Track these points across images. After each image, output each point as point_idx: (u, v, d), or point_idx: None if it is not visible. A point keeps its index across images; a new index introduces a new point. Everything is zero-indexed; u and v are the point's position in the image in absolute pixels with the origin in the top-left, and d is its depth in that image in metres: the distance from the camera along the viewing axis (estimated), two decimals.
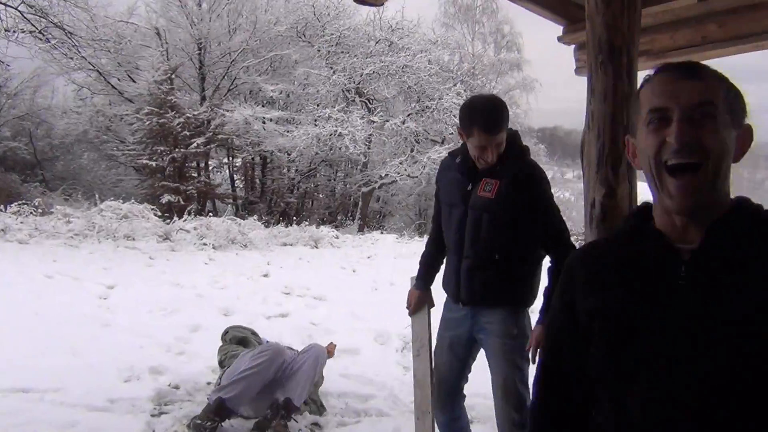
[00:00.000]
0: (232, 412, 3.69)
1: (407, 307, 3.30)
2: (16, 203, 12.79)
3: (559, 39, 3.15)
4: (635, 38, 1.93)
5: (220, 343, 4.62)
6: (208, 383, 4.66)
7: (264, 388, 3.78)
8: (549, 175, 2.88)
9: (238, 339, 4.57)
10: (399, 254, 13.04)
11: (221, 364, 4.31)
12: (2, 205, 12.86)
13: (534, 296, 2.89)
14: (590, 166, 1.95)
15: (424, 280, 3.24)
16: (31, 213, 12.46)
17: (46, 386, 4.12)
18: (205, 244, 12.15)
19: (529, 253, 2.77)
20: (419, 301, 3.25)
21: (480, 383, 4.77)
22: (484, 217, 2.73)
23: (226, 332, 4.72)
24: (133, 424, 3.71)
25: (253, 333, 4.75)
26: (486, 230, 2.74)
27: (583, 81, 2.37)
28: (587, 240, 1.99)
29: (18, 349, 4.87)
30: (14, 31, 11.50)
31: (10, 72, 20.51)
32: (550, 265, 2.68)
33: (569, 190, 53.43)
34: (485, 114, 2.60)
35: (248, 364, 3.77)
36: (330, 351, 4.58)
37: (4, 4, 10.66)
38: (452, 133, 21.42)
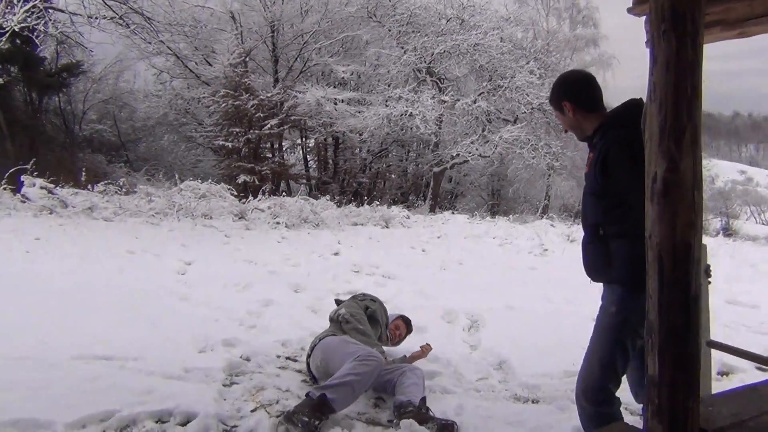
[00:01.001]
0: (333, 412, 3.62)
1: None
2: (102, 183, 13.42)
3: (629, 10, 3.04)
4: (700, 4, 1.85)
5: (348, 300, 4.79)
6: (278, 356, 4.82)
7: None
8: None
9: (372, 316, 4.69)
10: (469, 234, 12.99)
11: (337, 320, 4.45)
12: (90, 185, 13.54)
13: (637, 275, 2.70)
14: (652, 139, 1.89)
15: None
16: (116, 192, 13.03)
17: (127, 355, 4.35)
18: (278, 223, 12.43)
19: (628, 228, 2.66)
20: None
21: (546, 365, 4.77)
22: (585, 191, 2.90)
23: (366, 298, 4.90)
24: (206, 393, 3.87)
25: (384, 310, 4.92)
26: (585, 204, 2.91)
27: None
28: (649, 215, 1.94)
29: (103, 321, 5.16)
30: (96, 18, 12.00)
31: (94, 57, 21.48)
32: None
33: None
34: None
35: (354, 370, 3.73)
36: (424, 351, 4.72)
37: None
38: (524, 112, 21.02)
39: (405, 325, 5.08)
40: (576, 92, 2.94)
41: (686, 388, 1.89)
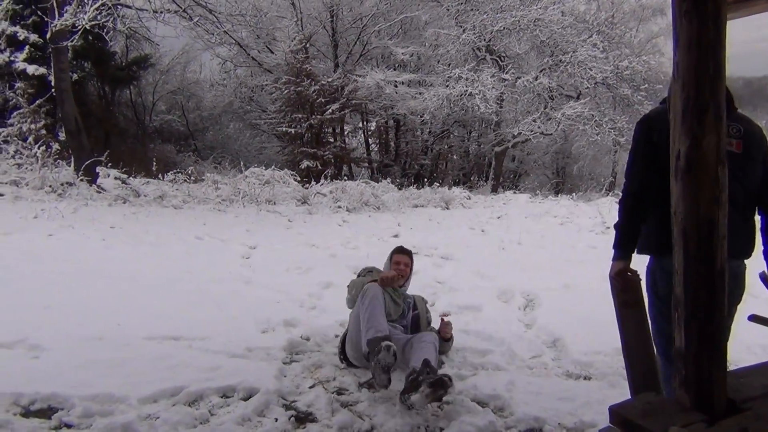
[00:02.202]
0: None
1: None
2: (172, 172, 13.97)
3: None
4: None
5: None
6: (336, 336, 5.00)
7: None
8: None
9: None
10: (530, 214, 12.90)
11: None
12: (161, 174, 14.13)
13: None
14: (676, 118, 1.93)
15: None
16: (185, 181, 13.56)
17: (194, 335, 4.62)
18: (339, 207, 12.68)
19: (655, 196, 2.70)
20: None
21: (600, 342, 4.78)
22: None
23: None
24: (267, 370, 4.08)
25: None
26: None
27: (738, 24, 2.22)
28: (673, 192, 1.98)
29: (171, 303, 5.47)
30: (161, 12, 12.46)
31: (161, 50, 22.23)
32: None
33: None
34: None
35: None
36: (445, 325, 4.65)
37: None
38: (587, 87, 20.54)
39: (405, 255, 4.89)
40: None
41: (712, 361, 1.94)
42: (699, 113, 1.87)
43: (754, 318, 2.77)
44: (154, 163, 15.28)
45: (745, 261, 2.83)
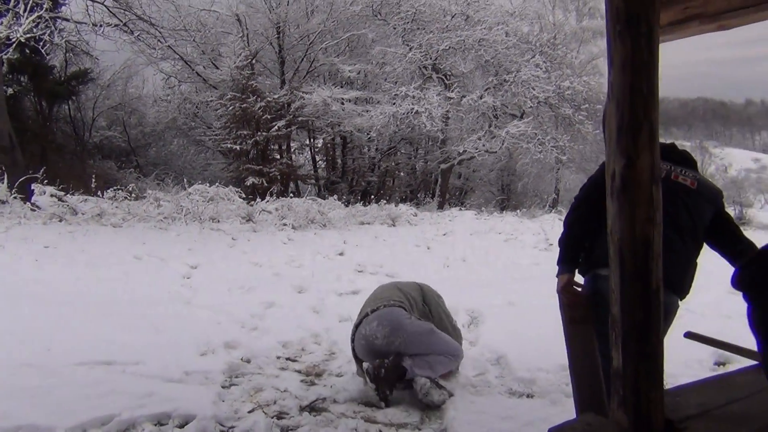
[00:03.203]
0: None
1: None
2: (112, 189, 13.57)
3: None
4: (655, 6, 1.90)
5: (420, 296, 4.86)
6: (278, 357, 4.90)
7: None
8: None
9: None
10: (475, 231, 13.02)
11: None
12: (100, 191, 13.70)
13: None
14: (611, 137, 1.95)
15: None
16: (126, 198, 13.18)
17: (128, 359, 4.44)
18: (285, 225, 12.53)
19: None
20: None
21: (543, 359, 4.80)
22: None
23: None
24: (205, 395, 3.95)
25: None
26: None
27: (673, 46, 2.25)
28: (609, 211, 1.99)
29: (106, 326, 5.26)
30: (101, 26, 12.16)
31: (103, 65, 21.72)
32: None
33: None
34: None
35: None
36: None
37: (92, 0, 11.29)
38: (531, 106, 20.98)
39: None
40: None
41: (649, 380, 1.94)
42: (633, 133, 1.89)
43: (689, 335, 2.81)
44: (94, 180, 14.81)
45: (680, 302, 2.87)
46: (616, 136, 1.93)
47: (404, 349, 4.15)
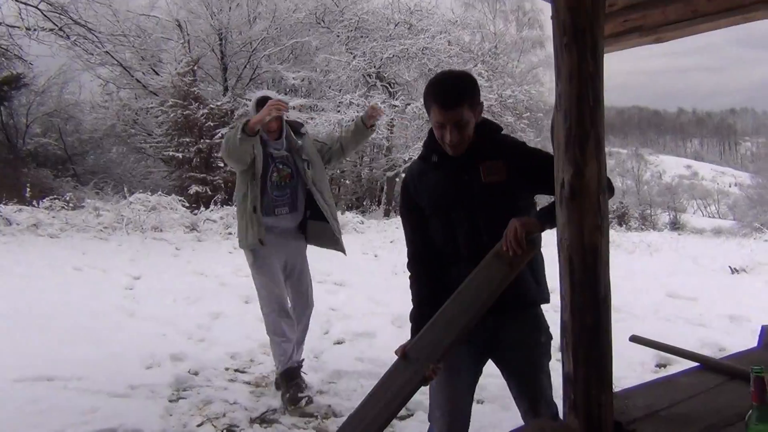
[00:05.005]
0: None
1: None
2: (48, 198, 13.12)
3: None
4: (599, 19, 1.96)
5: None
6: (226, 369, 4.83)
7: None
8: None
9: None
10: None
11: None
12: (35, 201, 13.23)
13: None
14: (559, 147, 2.00)
15: None
16: (63, 207, 12.75)
17: (70, 374, 4.30)
18: (230, 234, 12.33)
19: None
20: None
21: (491, 364, 4.85)
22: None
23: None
24: (152, 409, 3.86)
25: None
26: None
27: (609, 56, 2.30)
28: (558, 220, 2.04)
29: (45, 340, 5.08)
30: (35, 30, 11.75)
31: (37, 70, 20.93)
32: None
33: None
34: (442, 87, 2.37)
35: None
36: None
37: (25, 3, 10.89)
38: None
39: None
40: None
41: (599, 384, 1.99)
42: (581, 142, 1.94)
43: (634, 338, 2.90)
44: (28, 189, 14.30)
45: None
46: (564, 146, 1.98)
47: None
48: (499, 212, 2.34)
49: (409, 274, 2.66)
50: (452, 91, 2.34)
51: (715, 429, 2.00)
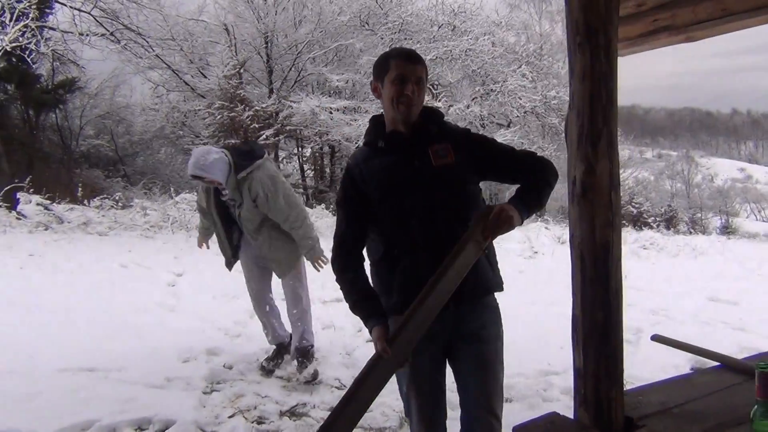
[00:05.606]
0: None
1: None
2: (98, 198, 13.57)
3: None
4: (613, 19, 1.98)
5: None
6: (257, 359, 4.96)
7: None
8: (626, 155, 2.65)
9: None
10: None
11: None
12: (86, 200, 13.70)
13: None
14: (572, 144, 2.03)
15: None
16: (112, 207, 13.19)
17: (110, 366, 4.48)
18: None
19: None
20: None
21: (522, 364, 4.87)
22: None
23: None
24: (186, 400, 3.99)
25: None
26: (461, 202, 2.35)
27: (661, 56, 2.29)
28: (570, 216, 2.07)
29: (89, 333, 5.29)
30: (88, 35, 12.18)
31: (90, 73, 21.64)
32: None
33: (648, 170, 51.58)
34: (403, 48, 2.44)
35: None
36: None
37: (79, 10, 11.32)
38: (517, 116, 21.14)
39: None
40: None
41: (609, 380, 2.02)
42: (593, 140, 1.97)
43: (656, 338, 2.89)
44: (80, 189, 14.80)
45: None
46: (576, 144, 2.02)
47: None
48: (452, 197, 2.29)
49: (336, 267, 2.44)
50: (414, 52, 2.42)
51: (725, 427, 2.00)
